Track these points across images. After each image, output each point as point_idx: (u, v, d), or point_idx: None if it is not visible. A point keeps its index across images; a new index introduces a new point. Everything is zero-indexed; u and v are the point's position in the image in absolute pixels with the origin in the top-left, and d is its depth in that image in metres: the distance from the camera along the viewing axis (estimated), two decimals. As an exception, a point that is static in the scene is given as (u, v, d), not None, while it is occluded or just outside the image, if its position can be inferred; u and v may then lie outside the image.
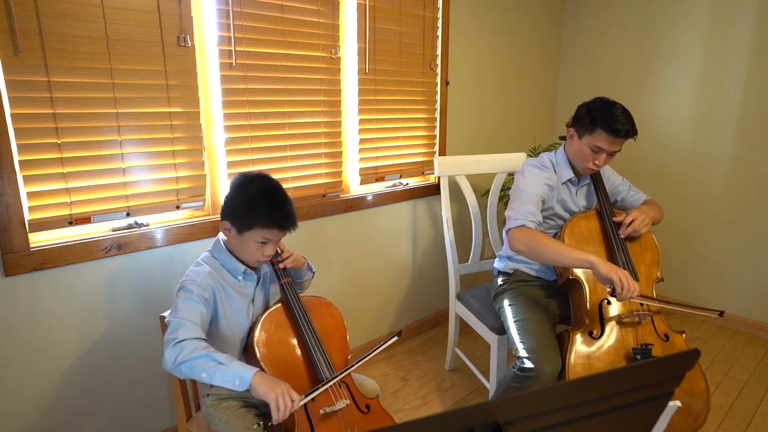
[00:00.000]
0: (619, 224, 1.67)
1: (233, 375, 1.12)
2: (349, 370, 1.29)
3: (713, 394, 2.13)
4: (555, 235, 1.73)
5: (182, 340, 1.15)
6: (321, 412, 1.24)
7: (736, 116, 2.56)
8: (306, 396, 1.19)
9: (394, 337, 1.34)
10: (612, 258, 1.64)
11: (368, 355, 1.30)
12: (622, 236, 1.65)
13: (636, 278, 1.61)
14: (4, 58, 1.31)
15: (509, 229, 1.61)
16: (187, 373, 1.14)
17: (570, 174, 1.75)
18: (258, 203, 1.26)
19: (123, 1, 1.48)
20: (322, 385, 1.24)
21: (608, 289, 1.49)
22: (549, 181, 1.73)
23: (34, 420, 1.51)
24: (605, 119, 1.59)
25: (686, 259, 2.86)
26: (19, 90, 1.35)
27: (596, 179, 1.78)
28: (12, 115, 1.35)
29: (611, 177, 1.90)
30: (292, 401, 1.12)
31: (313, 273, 1.56)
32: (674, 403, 0.71)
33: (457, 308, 2.19)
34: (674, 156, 2.82)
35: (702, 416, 1.50)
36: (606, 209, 1.71)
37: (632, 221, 1.65)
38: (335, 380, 1.27)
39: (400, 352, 2.51)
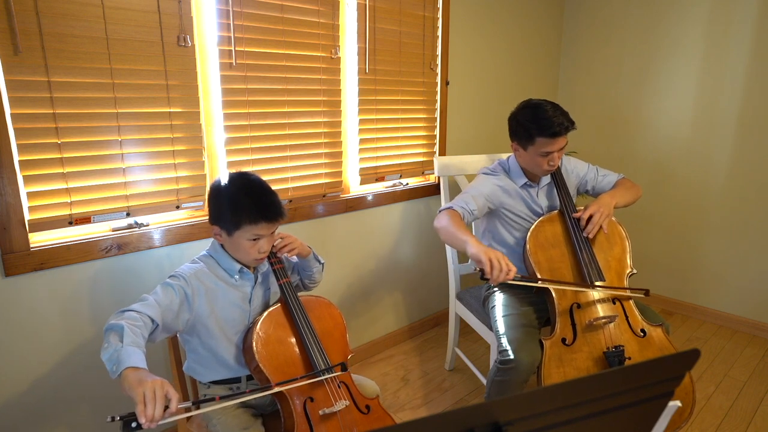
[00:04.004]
0: (580, 220, 1.67)
1: (117, 358, 0.99)
2: (279, 390, 1.19)
3: (713, 394, 2.13)
4: (524, 241, 1.73)
5: (129, 310, 1.12)
6: (320, 413, 1.23)
7: (736, 116, 2.56)
8: (199, 403, 0.99)
9: (338, 369, 1.31)
10: (576, 258, 1.64)
11: (301, 378, 1.23)
12: (586, 235, 1.65)
13: (601, 276, 1.61)
14: (4, 58, 1.31)
15: (439, 210, 1.70)
16: (104, 339, 1.06)
17: (524, 179, 1.78)
18: (240, 200, 1.25)
19: (123, 1, 1.48)
20: (213, 399, 1.08)
21: (477, 270, 1.43)
22: (499, 183, 1.76)
23: (34, 417, 1.51)
24: (540, 127, 1.62)
25: (686, 259, 2.86)
26: (19, 90, 1.35)
27: (556, 177, 1.77)
28: (12, 115, 1.35)
29: (576, 168, 1.89)
30: (169, 399, 0.94)
31: (322, 264, 1.54)
32: (674, 403, 0.71)
33: (457, 308, 2.19)
34: (674, 156, 2.82)
35: (687, 409, 1.49)
36: (567, 208, 1.71)
37: (590, 217, 1.65)
38: (260, 394, 1.17)
39: (400, 352, 2.51)
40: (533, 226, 1.68)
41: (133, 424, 0.83)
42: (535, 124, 1.62)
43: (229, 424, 1.25)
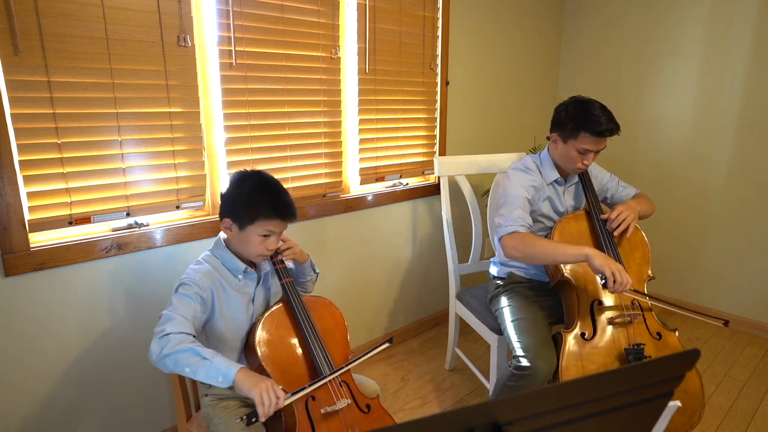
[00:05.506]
0: (607, 221, 1.68)
1: (216, 371, 1.10)
2: (337, 374, 1.28)
3: (713, 394, 2.13)
4: (545, 237, 1.72)
5: (168, 334, 1.13)
6: (322, 411, 1.24)
7: (736, 116, 2.56)
8: (293, 394, 1.18)
9: (385, 343, 1.35)
10: None
11: (357, 359, 1.31)
12: (612, 231, 1.66)
13: None
14: (4, 58, 1.31)
15: (501, 237, 1.62)
16: (171, 367, 1.12)
17: (556, 175, 1.76)
18: (257, 195, 1.27)
19: (123, 1, 1.48)
20: (309, 385, 1.22)
21: (601, 282, 1.49)
22: (534, 183, 1.74)
23: (33, 419, 1.51)
24: (588, 122, 1.60)
25: (686, 259, 2.86)
26: (19, 90, 1.35)
27: (584, 178, 1.78)
28: (12, 115, 1.35)
29: (599, 175, 1.90)
30: (278, 397, 1.11)
31: (317, 274, 1.55)
32: (674, 403, 0.71)
33: (457, 308, 2.19)
34: (674, 156, 2.82)
35: (697, 414, 1.50)
36: (594, 208, 1.71)
37: (618, 215, 1.66)
38: (322, 382, 1.25)
39: (400, 352, 2.51)
40: (558, 222, 1.69)
41: (254, 419, 1.12)
42: (585, 118, 1.60)
43: (229, 424, 1.26)
